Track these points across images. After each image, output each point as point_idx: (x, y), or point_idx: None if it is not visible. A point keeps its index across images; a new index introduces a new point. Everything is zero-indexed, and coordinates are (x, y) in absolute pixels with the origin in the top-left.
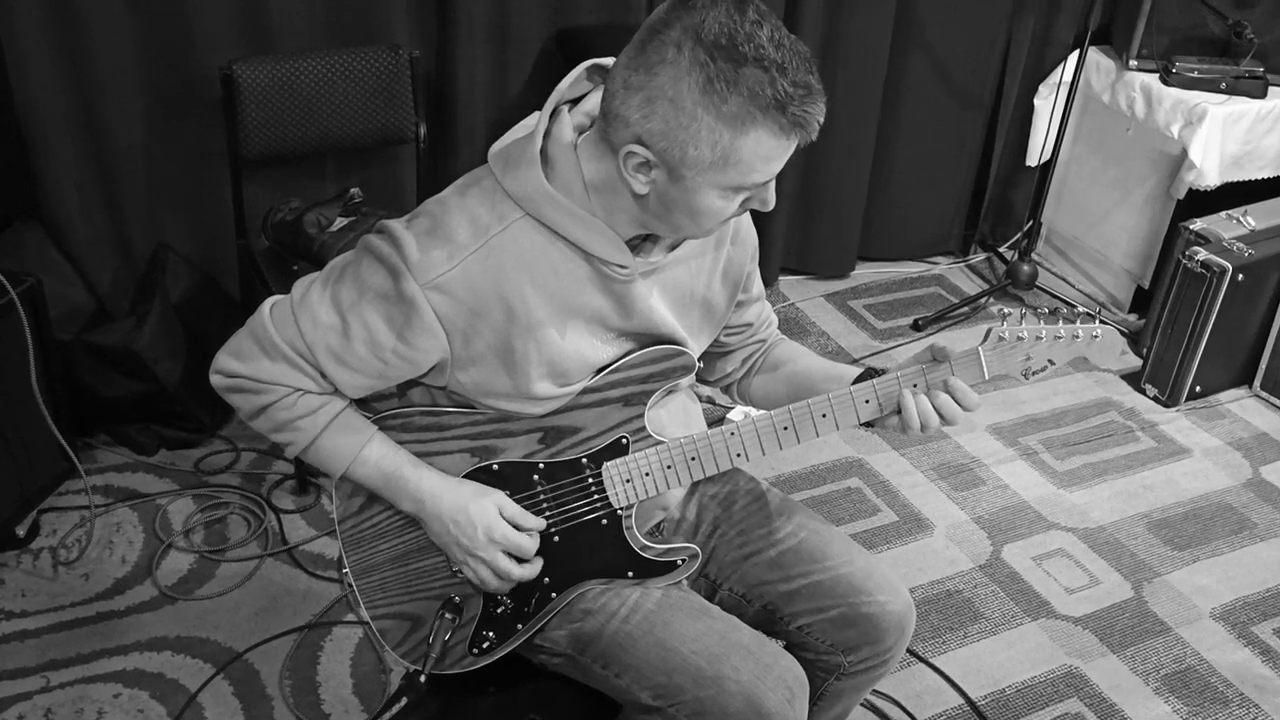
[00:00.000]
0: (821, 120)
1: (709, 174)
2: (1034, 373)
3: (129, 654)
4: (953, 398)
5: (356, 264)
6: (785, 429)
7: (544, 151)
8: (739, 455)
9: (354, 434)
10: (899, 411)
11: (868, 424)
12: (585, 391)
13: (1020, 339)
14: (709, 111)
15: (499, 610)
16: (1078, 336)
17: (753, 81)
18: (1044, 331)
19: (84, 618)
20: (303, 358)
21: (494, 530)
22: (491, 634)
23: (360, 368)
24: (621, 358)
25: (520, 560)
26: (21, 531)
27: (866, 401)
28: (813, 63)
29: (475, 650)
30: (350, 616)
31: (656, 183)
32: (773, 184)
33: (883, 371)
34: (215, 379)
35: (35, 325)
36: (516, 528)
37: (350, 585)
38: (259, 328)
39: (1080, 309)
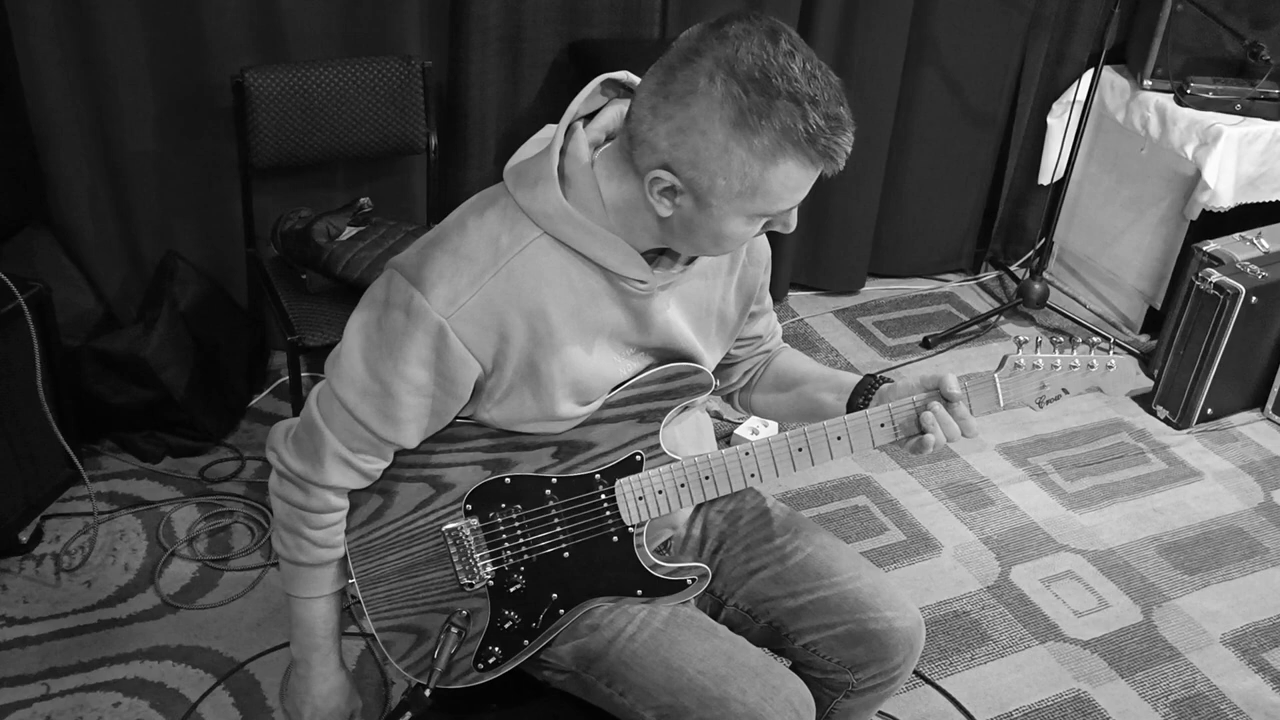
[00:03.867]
0: (849, 150)
1: (736, 202)
2: (1048, 401)
3: (130, 662)
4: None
5: (381, 318)
6: (800, 450)
7: (560, 168)
8: (753, 475)
9: (326, 583)
10: (914, 435)
11: None
12: (602, 407)
13: (1036, 367)
14: (740, 145)
15: (506, 625)
16: (1093, 366)
17: (785, 116)
18: (1060, 360)
19: (85, 625)
20: (350, 447)
21: None
22: (498, 649)
23: (412, 416)
24: (639, 373)
25: None
26: (25, 537)
27: (882, 425)
28: (843, 93)
29: (480, 665)
30: (354, 628)
31: (681, 207)
32: (795, 209)
33: (884, 379)
34: (272, 457)
35: (42, 331)
36: None
37: (355, 596)
38: (310, 425)
39: (1096, 336)
